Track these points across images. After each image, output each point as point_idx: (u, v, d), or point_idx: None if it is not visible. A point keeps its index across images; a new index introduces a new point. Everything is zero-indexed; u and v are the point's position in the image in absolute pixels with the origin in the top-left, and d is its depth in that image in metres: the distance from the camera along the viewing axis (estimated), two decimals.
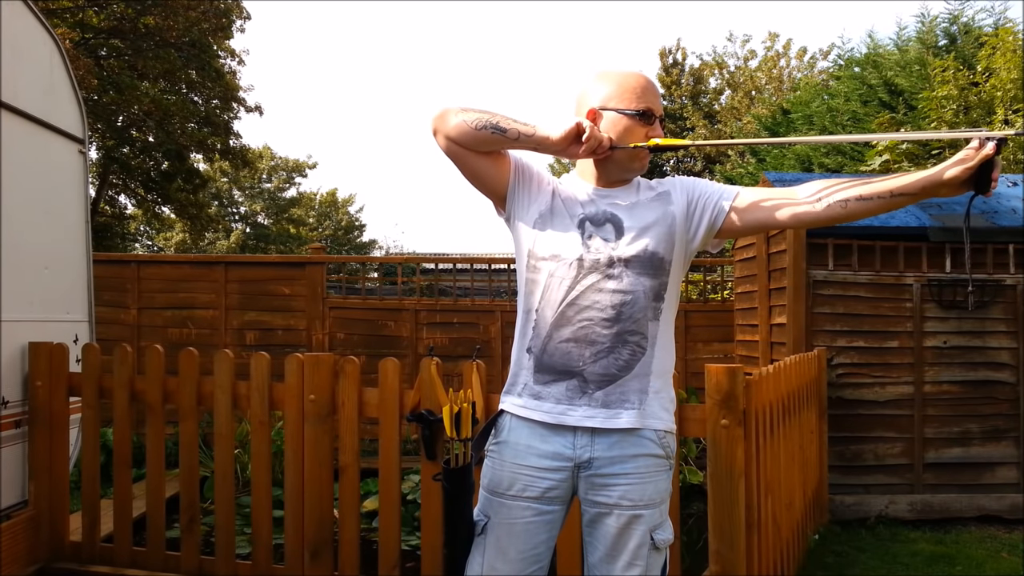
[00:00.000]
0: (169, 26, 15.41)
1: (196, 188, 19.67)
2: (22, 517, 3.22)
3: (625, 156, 1.74)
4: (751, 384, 2.56)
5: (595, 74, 1.79)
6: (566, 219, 1.74)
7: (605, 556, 1.72)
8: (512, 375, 1.79)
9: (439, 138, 1.74)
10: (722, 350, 6.88)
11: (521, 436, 1.73)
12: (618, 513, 1.69)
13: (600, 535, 1.72)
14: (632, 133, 1.72)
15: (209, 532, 3.45)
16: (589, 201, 1.76)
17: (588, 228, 1.73)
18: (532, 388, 1.73)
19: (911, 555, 3.94)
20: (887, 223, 4.72)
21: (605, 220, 1.73)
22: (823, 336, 4.63)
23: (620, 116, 1.72)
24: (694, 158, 27.30)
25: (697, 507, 4.52)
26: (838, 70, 12.96)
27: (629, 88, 1.74)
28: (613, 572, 1.71)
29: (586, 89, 1.78)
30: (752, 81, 24.21)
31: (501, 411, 1.79)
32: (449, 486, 1.77)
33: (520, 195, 1.79)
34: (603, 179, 1.78)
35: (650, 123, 1.74)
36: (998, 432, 4.60)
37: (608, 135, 1.71)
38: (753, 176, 12.35)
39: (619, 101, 1.73)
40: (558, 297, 1.71)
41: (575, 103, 1.81)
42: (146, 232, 31.82)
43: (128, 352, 3.25)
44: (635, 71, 1.79)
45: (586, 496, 1.72)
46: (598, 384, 1.69)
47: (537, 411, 1.72)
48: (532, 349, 1.74)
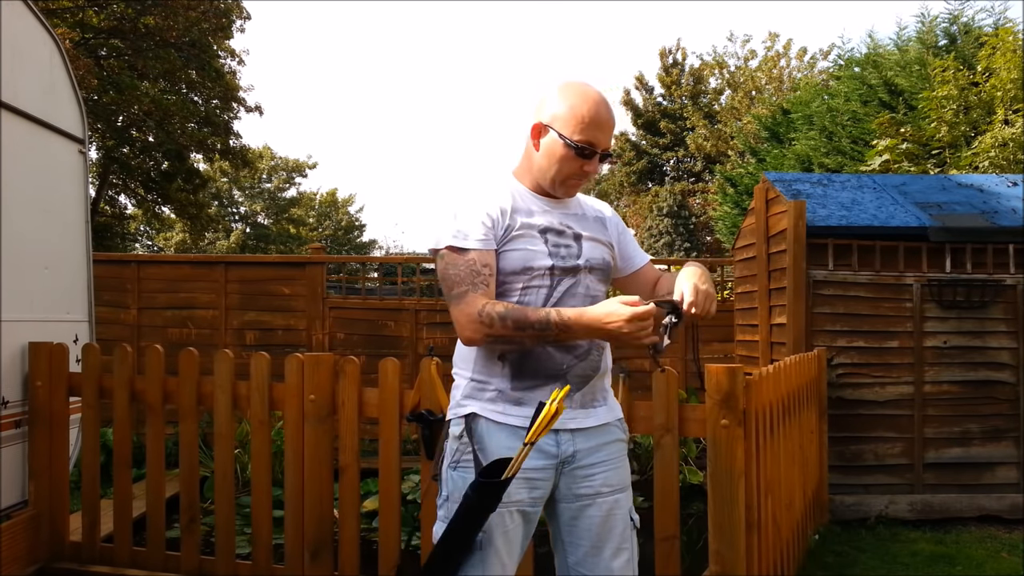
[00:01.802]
0: (169, 26, 15.41)
1: (196, 188, 19.68)
2: (22, 517, 3.21)
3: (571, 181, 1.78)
4: (751, 384, 2.56)
5: (560, 85, 1.77)
6: (529, 233, 1.75)
7: (591, 549, 1.76)
8: (477, 383, 1.76)
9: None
10: (722, 350, 6.88)
11: (501, 441, 1.70)
12: (600, 501, 1.76)
13: (584, 528, 1.76)
14: (565, 162, 1.73)
15: (209, 532, 3.45)
16: (542, 212, 1.78)
17: (551, 238, 1.76)
18: (510, 395, 1.73)
19: (911, 555, 3.94)
20: (887, 223, 4.72)
21: (564, 230, 1.78)
22: (823, 336, 4.63)
23: (559, 141, 1.72)
24: (694, 158, 27.31)
25: (697, 507, 4.52)
26: (838, 70, 12.96)
27: (578, 116, 1.71)
28: (601, 562, 1.75)
29: (546, 98, 1.77)
30: (752, 81, 24.20)
31: (471, 416, 1.73)
32: (479, 499, 1.62)
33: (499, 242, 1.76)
34: (537, 187, 1.81)
35: (587, 158, 1.73)
36: (998, 432, 4.59)
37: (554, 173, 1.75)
38: (753, 176, 12.35)
39: (564, 125, 1.72)
40: (537, 305, 1.73)
41: (534, 107, 1.80)
42: (146, 232, 31.82)
43: (128, 352, 3.25)
44: (595, 97, 1.75)
45: (568, 491, 1.76)
46: (578, 386, 1.75)
47: (519, 416, 1.71)
48: (507, 356, 1.74)
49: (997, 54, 7.91)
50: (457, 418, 1.76)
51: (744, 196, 12.63)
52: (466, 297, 1.67)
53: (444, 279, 1.72)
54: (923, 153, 8.59)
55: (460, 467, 1.73)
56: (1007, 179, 5.40)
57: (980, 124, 8.23)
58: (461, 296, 1.68)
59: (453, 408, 1.79)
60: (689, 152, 27.19)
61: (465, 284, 1.68)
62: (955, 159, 8.21)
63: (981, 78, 8.27)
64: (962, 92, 8.21)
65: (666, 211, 25.60)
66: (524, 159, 1.83)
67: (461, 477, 1.72)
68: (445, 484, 1.76)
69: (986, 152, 7.45)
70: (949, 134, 8.24)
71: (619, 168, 30.08)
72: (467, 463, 1.72)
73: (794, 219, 4.63)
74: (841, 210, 4.89)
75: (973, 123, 8.31)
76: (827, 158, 11.00)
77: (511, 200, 1.77)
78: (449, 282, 1.70)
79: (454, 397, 1.80)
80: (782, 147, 12.58)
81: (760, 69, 24.91)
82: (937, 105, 8.31)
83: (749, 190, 11.92)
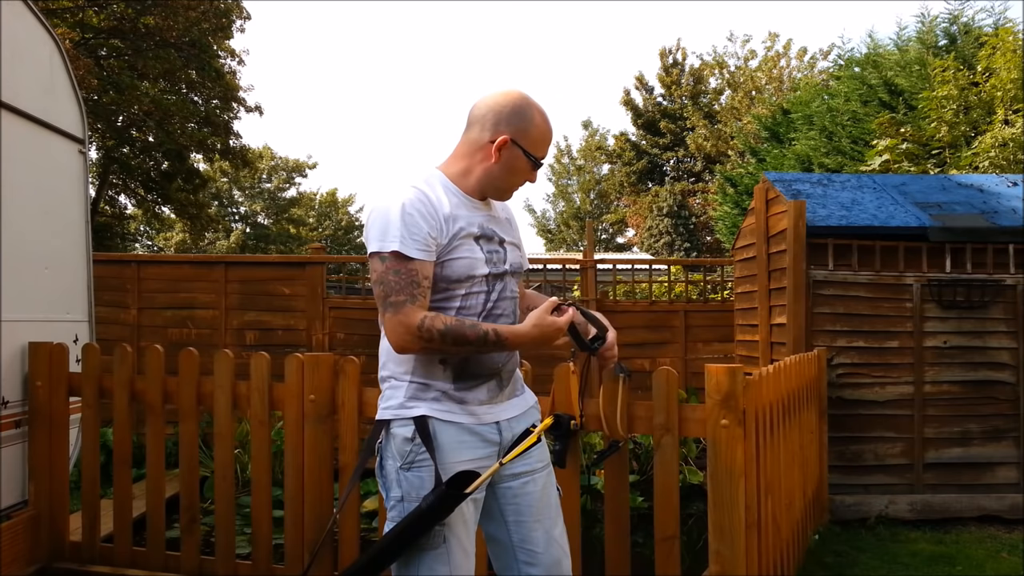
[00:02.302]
0: (169, 26, 15.41)
1: (196, 188, 19.68)
2: (22, 517, 3.21)
3: (516, 190, 1.94)
4: (751, 384, 2.56)
5: (521, 101, 1.88)
6: (465, 239, 1.83)
7: (534, 523, 1.92)
8: (419, 384, 1.83)
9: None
10: (722, 350, 6.88)
11: (451, 436, 1.82)
12: (536, 476, 1.95)
13: (526, 504, 1.92)
14: (520, 173, 1.90)
15: (209, 532, 3.45)
16: (472, 216, 1.87)
17: (483, 244, 1.87)
18: (453, 395, 1.84)
19: (911, 555, 3.94)
20: (887, 223, 4.72)
21: (491, 235, 1.90)
22: (823, 336, 4.63)
23: (524, 158, 1.87)
24: (694, 158, 27.31)
25: (697, 507, 4.52)
26: (838, 70, 12.96)
27: (542, 136, 1.89)
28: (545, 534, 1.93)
29: (506, 112, 1.86)
30: (752, 81, 24.20)
31: (421, 418, 1.80)
32: (441, 507, 1.74)
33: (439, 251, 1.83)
34: (476, 193, 1.90)
35: (536, 170, 1.92)
36: (998, 432, 4.59)
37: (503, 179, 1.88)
38: (753, 176, 12.34)
39: (530, 144, 1.87)
40: (476, 310, 1.85)
41: (485, 108, 1.88)
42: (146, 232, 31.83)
43: (128, 352, 3.25)
44: (546, 114, 1.91)
45: (508, 472, 1.90)
46: (508, 379, 1.93)
47: (464, 414, 1.84)
48: (448, 360, 1.83)
49: (997, 54, 7.91)
50: (404, 420, 1.81)
51: (744, 196, 12.63)
52: (404, 307, 1.74)
53: (382, 283, 1.75)
54: (923, 153, 8.59)
55: (414, 468, 1.79)
56: (1007, 179, 5.39)
57: (980, 124, 8.23)
58: (399, 305, 1.74)
59: (395, 409, 1.83)
60: (689, 152, 27.19)
61: (404, 293, 1.74)
62: (955, 159, 8.21)
63: (981, 78, 8.27)
64: (962, 92, 8.21)
65: (666, 211, 25.60)
66: (465, 161, 1.89)
67: (417, 477, 1.79)
68: (397, 485, 1.82)
69: (986, 152, 7.45)
70: (949, 134, 8.24)
71: (619, 168, 30.08)
72: (421, 463, 1.79)
73: (794, 219, 4.63)
74: (841, 210, 4.88)
75: (973, 123, 8.31)
76: (827, 158, 10.99)
77: (449, 205, 1.83)
78: (387, 288, 1.75)
79: (392, 398, 1.85)
80: (782, 147, 12.57)
81: (760, 69, 24.92)
82: (937, 105, 8.31)
83: (749, 190, 11.92)
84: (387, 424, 1.84)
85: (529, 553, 1.92)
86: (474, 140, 1.88)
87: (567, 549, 1.99)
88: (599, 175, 33.24)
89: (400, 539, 1.77)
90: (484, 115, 1.87)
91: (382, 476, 1.87)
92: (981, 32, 9.81)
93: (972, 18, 10.47)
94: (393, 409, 1.84)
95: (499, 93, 1.90)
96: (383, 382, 1.90)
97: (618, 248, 31.85)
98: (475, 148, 1.88)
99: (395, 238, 1.74)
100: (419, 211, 1.77)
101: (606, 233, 32.67)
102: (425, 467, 1.79)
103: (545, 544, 1.92)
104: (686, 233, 25.35)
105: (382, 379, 1.91)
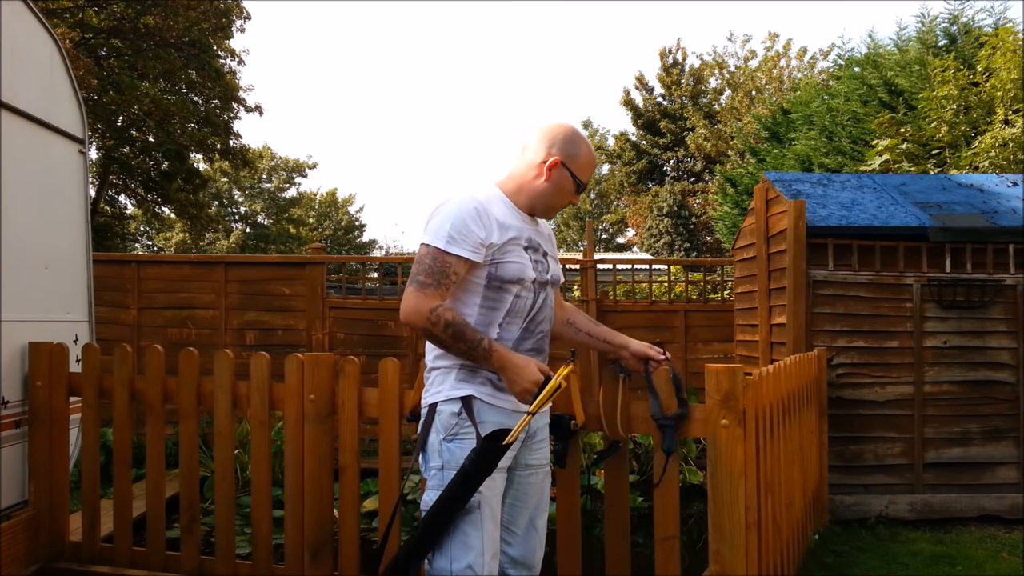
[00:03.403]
0: (169, 26, 15.41)
1: (196, 188, 19.67)
2: (22, 517, 3.21)
3: (560, 209, 2.18)
4: (751, 384, 2.56)
5: (572, 131, 2.14)
6: (516, 246, 2.04)
7: (521, 509, 2.15)
8: (468, 370, 2.02)
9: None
10: (722, 350, 6.88)
11: (493, 416, 2.02)
12: (540, 471, 2.18)
13: (523, 492, 2.14)
14: (565, 194, 2.13)
15: (209, 532, 3.45)
16: (520, 227, 2.08)
17: (531, 254, 2.08)
18: (497, 384, 2.02)
19: (911, 555, 3.94)
20: (887, 223, 4.72)
21: (536, 247, 2.11)
22: (823, 336, 4.63)
23: (571, 180, 2.10)
24: (694, 158, 27.31)
25: (697, 507, 4.53)
26: (838, 70, 12.96)
27: (588, 164, 2.14)
28: (530, 521, 2.16)
29: (560, 139, 2.10)
30: (752, 81, 24.20)
31: (468, 397, 2.00)
32: (483, 462, 1.92)
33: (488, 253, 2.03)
34: (527, 209, 2.12)
35: (579, 193, 2.17)
36: (998, 432, 4.59)
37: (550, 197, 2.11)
38: (753, 176, 12.34)
39: (578, 169, 2.11)
40: (523, 313, 2.07)
41: (541, 133, 2.12)
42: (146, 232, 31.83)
43: (128, 352, 3.25)
44: (590, 145, 2.19)
45: (523, 460, 2.13)
46: None
47: (506, 401, 2.03)
48: None
49: (997, 54, 7.91)
50: (453, 399, 2.01)
51: (744, 196, 12.63)
52: (427, 289, 1.94)
53: (419, 263, 1.98)
54: (923, 153, 8.59)
55: (457, 439, 1.98)
56: (1007, 179, 5.39)
57: (980, 124, 8.22)
58: (424, 285, 1.95)
59: (447, 391, 2.02)
60: (689, 152, 27.19)
61: (432, 279, 1.95)
62: (955, 159, 8.21)
63: (981, 78, 8.27)
64: (962, 92, 8.21)
65: (666, 211, 25.60)
66: (519, 179, 2.12)
67: (459, 447, 1.97)
68: (439, 455, 2.00)
69: (986, 152, 7.44)
70: (949, 134, 8.24)
71: (619, 168, 30.08)
72: (464, 436, 1.98)
73: (794, 219, 4.63)
74: (841, 210, 4.88)
75: (973, 123, 8.31)
76: (827, 158, 10.99)
77: (503, 215, 2.05)
78: (421, 267, 1.97)
79: (445, 381, 2.04)
80: (782, 147, 12.57)
81: (760, 69, 24.91)
82: (937, 105, 8.31)
83: (749, 190, 11.92)
84: (434, 406, 2.04)
85: (510, 533, 2.13)
86: (528, 161, 2.11)
87: (544, 540, 2.20)
88: (599, 175, 33.25)
89: (449, 502, 1.92)
90: (539, 139, 2.11)
91: (424, 451, 2.05)
92: (981, 32, 9.81)
93: (972, 18, 10.48)
94: (444, 392, 2.02)
95: (554, 123, 2.14)
96: (431, 371, 2.08)
97: (618, 248, 31.86)
98: (528, 168, 2.10)
99: (444, 236, 1.96)
100: (472, 217, 1.97)
101: (606, 233, 32.68)
102: (467, 439, 1.97)
103: (526, 529, 2.15)
104: (686, 233, 25.35)
105: (431, 369, 2.09)
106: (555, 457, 2.44)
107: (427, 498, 1.99)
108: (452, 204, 2.01)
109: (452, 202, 2.02)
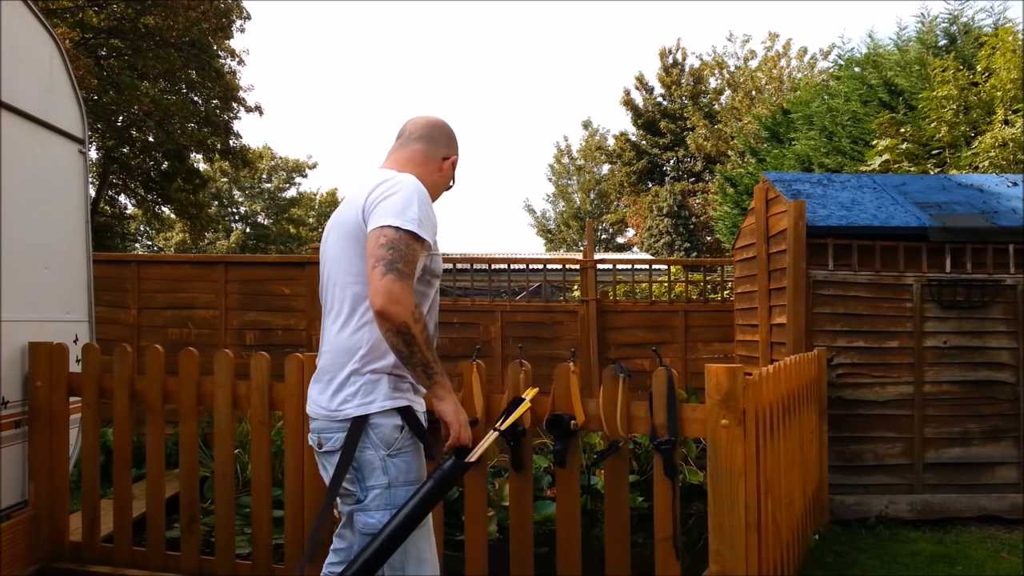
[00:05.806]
0: (169, 26, 15.41)
1: (196, 188, 19.67)
2: (22, 517, 3.21)
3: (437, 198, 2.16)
4: (751, 384, 2.56)
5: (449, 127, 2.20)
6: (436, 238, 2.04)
7: None
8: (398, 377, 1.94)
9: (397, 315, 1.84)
10: (722, 350, 6.88)
11: (420, 422, 1.99)
12: None
13: None
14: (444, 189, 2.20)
15: (209, 532, 3.45)
16: None
17: None
18: (415, 387, 1.99)
19: (911, 555, 3.94)
20: (887, 223, 4.72)
21: None
22: (823, 336, 4.63)
23: (453, 177, 2.20)
24: (694, 158, 27.31)
25: (697, 507, 4.52)
26: (838, 70, 12.96)
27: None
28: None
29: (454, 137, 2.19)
30: (752, 81, 24.21)
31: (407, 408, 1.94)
32: (453, 479, 1.92)
33: None
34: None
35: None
36: (998, 432, 4.59)
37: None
38: (753, 176, 12.35)
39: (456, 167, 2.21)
40: (436, 308, 2.10)
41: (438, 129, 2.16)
42: (146, 232, 31.83)
43: (128, 352, 3.25)
44: None
45: None
46: None
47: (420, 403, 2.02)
48: None
49: (997, 54, 7.91)
50: (389, 411, 1.90)
51: (744, 196, 12.63)
52: (409, 281, 1.83)
53: (394, 248, 1.81)
54: (923, 153, 8.59)
55: (402, 454, 1.91)
56: (1007, 179, 5.39)
57: (980, 124, 8.23)
58: (407, 276, 1.82)
59: (381, 401, 1.89)
60: (689, 152, 27.19)
61: (410, 268, 1.84)
62: (955, 159, 8.21)
63: (981, 78, 8.27)
64: (962, 92, 8.21)
65: (666, 211, 25.59)
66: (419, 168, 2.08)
67: (404, 462, 1.91)
68: (383, 472, 1.88)
69: (986, 152, 7.44)
70: (949, 134, 8.24)
71: (619, 168, 30.08)
72: (407, 449, 1.92)
73: (794, 219, 4.63)
74: (841, 210, 4.88)
75: (973, 123, 8.31)
76: (827, 158, 10.99)
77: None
78: (398, 254, 1.82)
79: (375, 390, 1.89)
80: (782, 147, 12.57)
81: (760, 69, 24.91)
82: (937, 105, 8.31)
83: (749, 190, 11.93)
84: (365, 419, 1.87)
85: None
86: (428, 153, 2.11)
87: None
88: (599, 175, 33.24)
89: (411, 522, 1.83)
90: (434, 134, 2.13)
91: (357, 468, 1.87)
92: (981, 32, 9.81)
93: (972, 18, 10.48)
94: (378, 403, 1.89)
95: (439, 118, 2.18)
96: (352, 376, 1.89)
97: (618, 248, 31.85)
98: (428, 160, 2.11)
99: (414, 220, 1.85)
100: (428, 201, 1.94)
101: (606, 233, 32.67)
102: (410, 452, 1.92)
103: None
104: (686, 233, 25.34)
105: (353, 373, 1.89)
106: (555, 457, 2.41)
107: (372, 520, 1.86)
108: (409, 184, 1.90)
109: (408, 182, 1.91)
